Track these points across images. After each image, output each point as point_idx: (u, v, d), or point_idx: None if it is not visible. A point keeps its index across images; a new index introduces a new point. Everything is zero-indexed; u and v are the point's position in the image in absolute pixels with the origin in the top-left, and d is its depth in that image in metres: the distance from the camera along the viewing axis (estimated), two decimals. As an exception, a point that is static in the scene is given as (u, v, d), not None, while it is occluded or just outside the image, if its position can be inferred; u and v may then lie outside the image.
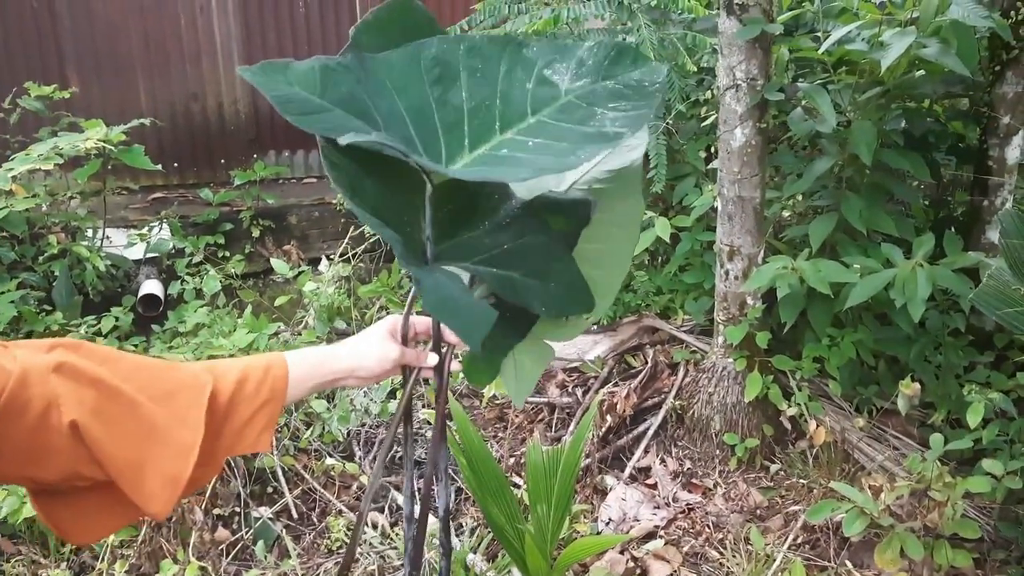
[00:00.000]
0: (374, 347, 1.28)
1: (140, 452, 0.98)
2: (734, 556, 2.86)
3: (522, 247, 1.33)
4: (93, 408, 0.94)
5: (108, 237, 4.63)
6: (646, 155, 3.86)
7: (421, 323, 1.37)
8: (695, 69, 3.66)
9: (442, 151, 1.25)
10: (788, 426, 3.27)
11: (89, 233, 4.51)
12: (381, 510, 3.07)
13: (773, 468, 3.27)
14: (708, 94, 3.91)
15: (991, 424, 2.77)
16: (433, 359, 1.35)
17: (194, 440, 1.02)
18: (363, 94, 1.19)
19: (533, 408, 3.75)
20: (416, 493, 1.46)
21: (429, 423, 3.47)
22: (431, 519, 1.51)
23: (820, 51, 2.99)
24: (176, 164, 5.86)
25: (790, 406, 3.17)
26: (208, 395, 1.04)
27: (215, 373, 1.09)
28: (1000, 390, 2.88)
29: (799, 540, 2.92)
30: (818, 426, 3.07)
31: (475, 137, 1.27)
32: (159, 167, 4.33)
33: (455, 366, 1.39)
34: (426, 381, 3.67)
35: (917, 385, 2.83)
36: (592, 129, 1.25)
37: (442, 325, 1.36)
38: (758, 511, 3.11)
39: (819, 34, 3.18)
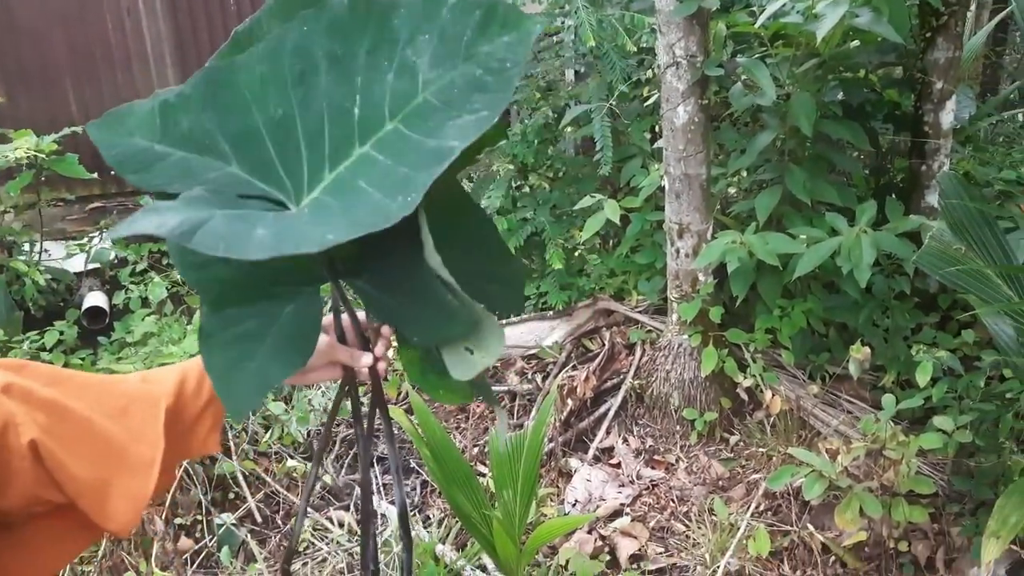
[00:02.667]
0: None
1: (100, 471, 0.95)
2: (699, 527, 2.90)
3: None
4: (47, 429, 0.91)
5: (46, 250, 4.51)
6: (590, 139, 3.87)
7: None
8: (635, 49, 3.68)
9: (304, 170, 1.05)
10: (745, 397, 3.32)
11: (26, 247, 4.38)
12: (347, 508, 3.04)
13: (732, 439, 3.32)
14: (649, 73, 3.93)
15: (940, 382, 2.84)
16: (367, 359, 1.16)
17: (153, 455, 0.99)
18: (209, 122, 1.03)
19: (495, 396, 3.75)
20: (379, 490, 1.38)
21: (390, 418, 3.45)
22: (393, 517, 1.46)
23: (756, 25, 3.02)
24: (112, 172, 5.68)
25: (746, 378, 3.21)
26: (164, 408, 1.02)
27: (152, 381, 1.06)
28: (947, 349, 2.96)
29: (761, 507, 2.97)
30: (774, 395, 3.13)
31: (335, 149, 1.05)
32: (95, 176, 4.22)
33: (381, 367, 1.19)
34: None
35: (867, 349, 2.89)
36: (435, 142, 1.03)
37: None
38: (720, 482, 3.15)
39: (755, 8, 3.22)
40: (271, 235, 0.88)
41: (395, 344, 1.21)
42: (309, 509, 3.05)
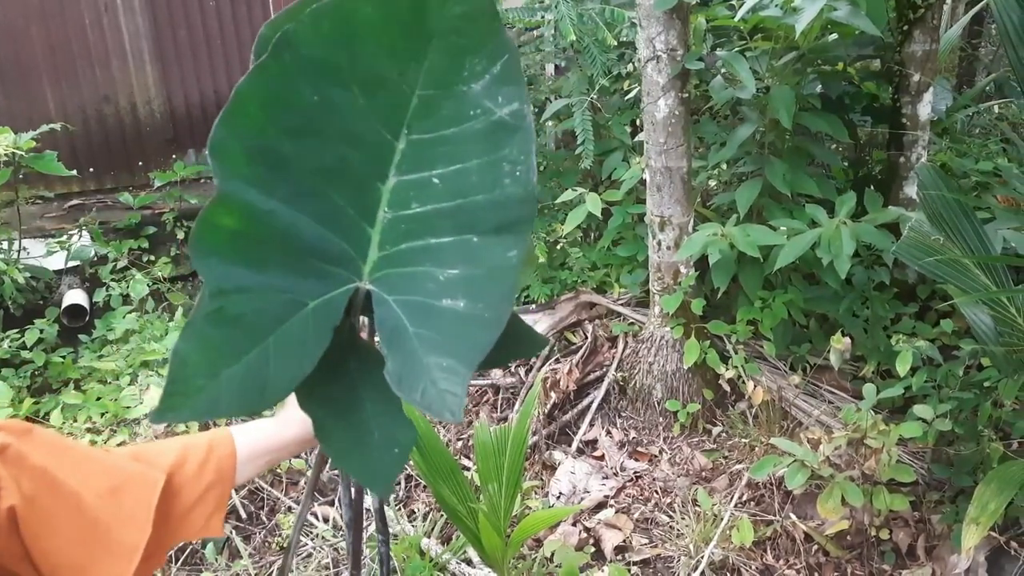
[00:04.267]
0: None
1: (80, 551, 0.91)
2: (683, 518, 2.92)
3: None
4: (32, 499, 0.88)
5: (25, 248, 4.47)
6: (572, 132, 3.88)
7: None
8: (615, 43, 3.69)
9: (352, 249, 1.00)
10: (727, 388, 3.35)
11: (4, 245, 4.34)
12: (332, 503, 3.04)
13: (715, 430, 3.34)
14: (630, 67, 3.95)
15: (919, 371, 2.87)
16: None
17: (139, 541, 0.94)
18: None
19: (477, 390, 3.76)
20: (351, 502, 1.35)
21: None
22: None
23: (736, 19, 3.04)
24: (92, 169, 5.67)
25: (728, 369, 3.23)
26: (159, 492, 0.97)
27: (150, 461, 1.01)
28: (926, 338, 2.99)
29: (744, 497, 2.99)
30: (756, 386, 3.15)
31: (361, 206, 0.98)
32: (74, 173, 4.19)
33: None
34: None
35: (847, 340, 2.92)
36: (482, 123, 0.95)
37: None
38: (703, 473, 3.17)
39: (734, 2, 3.24)
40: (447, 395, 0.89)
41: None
42: (293, 505, 3.05)
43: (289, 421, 1.15)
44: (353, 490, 1.25)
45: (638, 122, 3.94)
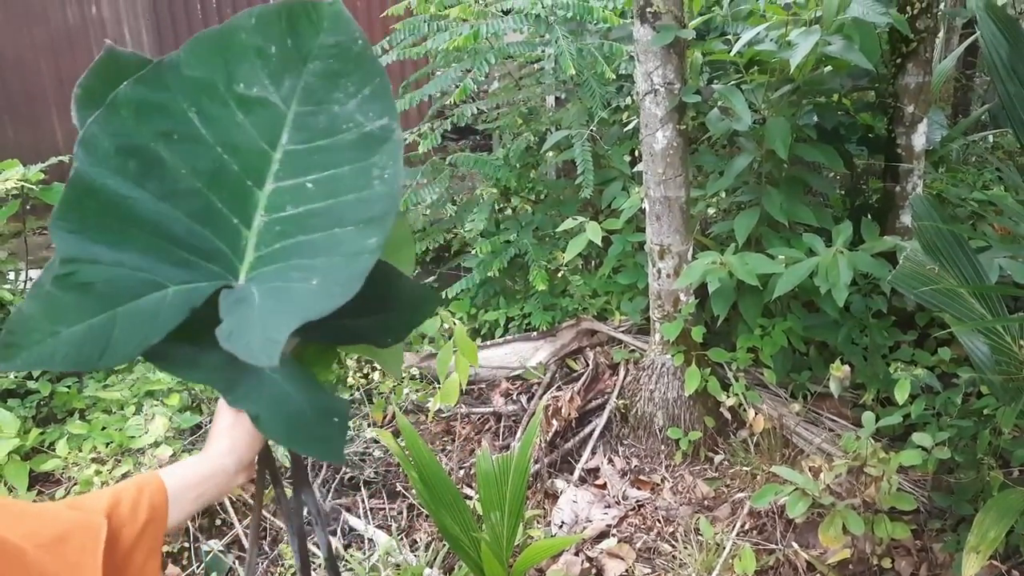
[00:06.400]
0: (237, 429, 1.16)
1: None
2: (686, 548, 2.92)
3: None
4: None
5: (31, 279, 4.51)
6: (572, 162, 3.93)
7: None
8: (614, 76, 3.75)
9: (232, 256, 1.08)
10: (728, 416, 3.36)
11: (11, 276, 4.38)
12: (333, 532, 3.05)
13: (717, 458, 3.35)
14: (628, 100, 4.01)
15: (918, 399, 2.89)
16: None
17: None
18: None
19: (479, 418, 3.78)
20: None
21: (376, 441, 3.46)
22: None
23: (732, 53, 3.09)
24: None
25: (729, 397, 3.25)
26: (104, 537, 0.95)
27: (83, 508, 1.00)
28: (924, 366, 3.01)
29: (747, 526, 3.00)
30: (757, 414, 3.16)
31: (239, 209, 1.07)
32: (81, 204, 4.24)
33: None
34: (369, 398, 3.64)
35: (847, 367, 2.94)
36: (354, 134, 1.07)
37: None
38: (706, 502, 3.18)
39: (730, 37, 3.30)
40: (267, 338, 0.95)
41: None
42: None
43: (213, 453, 1.16)
44: (297, 538, 1.32)
45: (637, 152, 3.99)
